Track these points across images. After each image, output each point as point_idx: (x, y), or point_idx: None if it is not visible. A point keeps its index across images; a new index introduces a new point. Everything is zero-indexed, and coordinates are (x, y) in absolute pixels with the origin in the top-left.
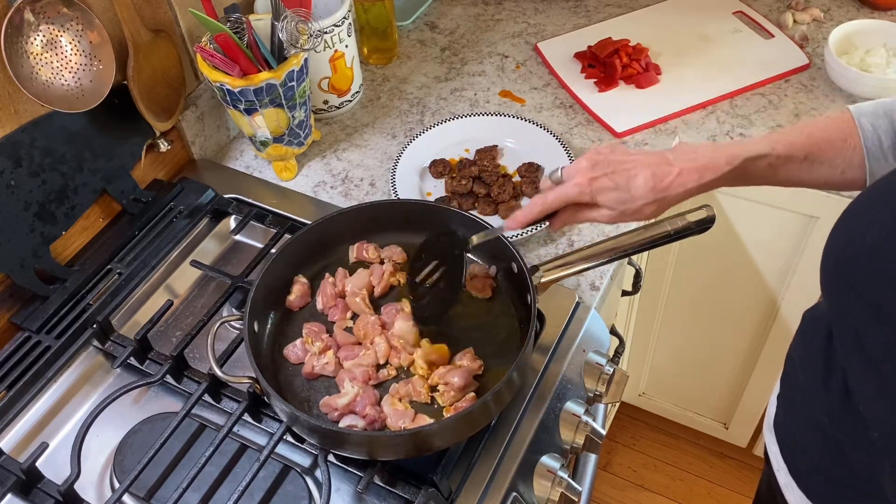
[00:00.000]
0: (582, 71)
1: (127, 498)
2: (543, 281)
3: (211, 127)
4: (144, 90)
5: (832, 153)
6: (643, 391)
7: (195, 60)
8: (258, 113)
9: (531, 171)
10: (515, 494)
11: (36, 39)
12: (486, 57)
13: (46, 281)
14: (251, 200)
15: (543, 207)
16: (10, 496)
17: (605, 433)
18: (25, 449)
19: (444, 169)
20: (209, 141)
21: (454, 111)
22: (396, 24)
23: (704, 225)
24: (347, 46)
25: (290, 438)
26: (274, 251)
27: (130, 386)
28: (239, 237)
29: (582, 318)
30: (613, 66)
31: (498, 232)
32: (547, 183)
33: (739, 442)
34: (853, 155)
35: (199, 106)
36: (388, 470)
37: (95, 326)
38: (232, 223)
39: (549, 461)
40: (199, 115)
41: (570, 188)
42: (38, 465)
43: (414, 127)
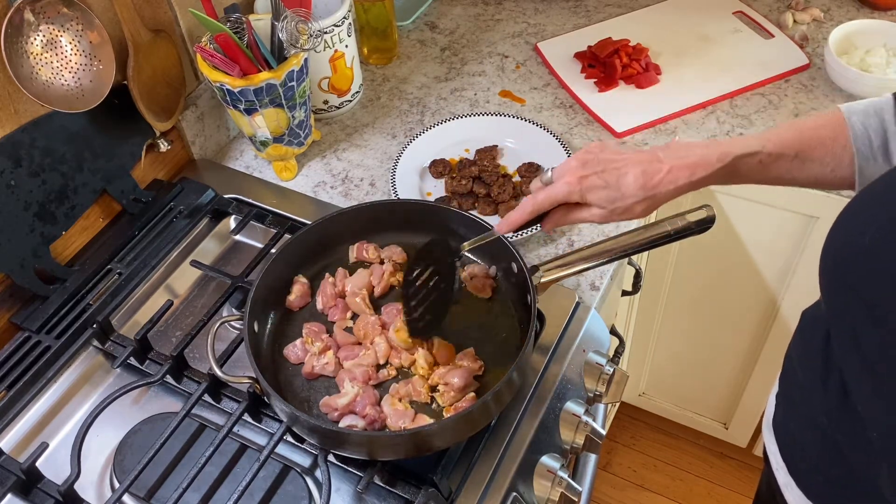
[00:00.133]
0: (582, 71)
1: (127, 498)
2: (543, 281)
3: (211, 127)
4: (144, 90)
5: (822, 151)
6: (643, 391)
7: (195, 60)
8: (258, 113)
9: (531, 171)
10: (515, 494)
11: (36, 39)
12: (486, 57)
13: (46, 281)
14: (251, 200)
15: (534, 208)
16: (10, 496)
17: (605, 433)
18: (25, 449)
19: (444, 169)
20: (209, 141)
21: (454, 111)
22: (396, 24)
23: (704, 225)
24: (347, 46)
25: (290, 438)
26: (274, 251)
27: (130, 386)
28: (239, 237)
29: (582, 318)
30: (613, 66)
31: (489, 236)
32: (537, 184)
33: (739, 442)
34: (843, 153)
35: (199, 106)
36: (388, 470)
37: (95, 326)
38: (232, 223)
39: (549, 461)
40: (199, 115)
41: (559, 188)
42: (38, 465)
43: (414, 127)
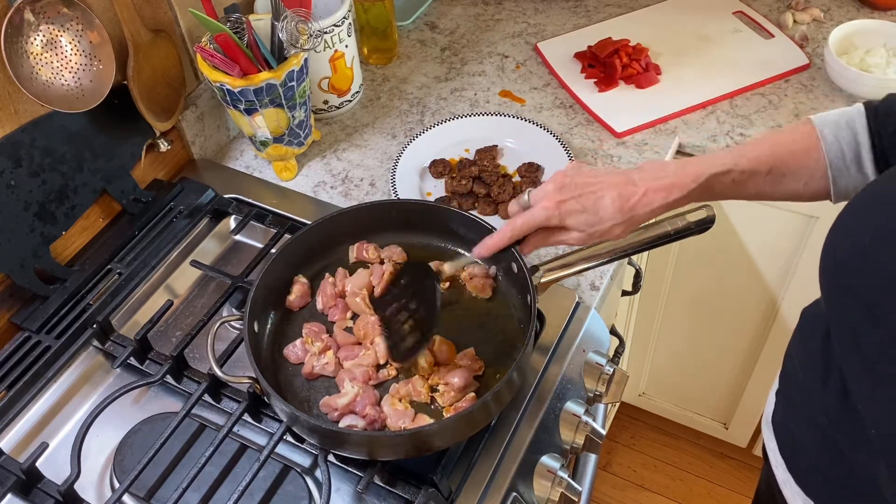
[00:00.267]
0: (582, 71)
1: (127, 498)
2: (543, 281)
3: (211, 127)
4: (144, 90)
5: (795, 165)
6: (643, 391)
7: (195, 60)
8: (258, 113)
9: (531, 171)
10: (515, 494)
11: (36, 39)
12: (486, 57)
13: (46, 281)
14: (251, 200)
15: (513, 234)
16: (10, 496)
17: (605, 433)
18: (25, 449)
19: (444, 169)
20: (209, 141)
21: (454, 111)
22: (396, 24)
23: (704, 225)
24: (347, 46)
25: (290, 438)
26: (274, 251)
27: (130, 386)
28: (239, 237)
29: (582, 318)
30: (613, 66)
31: (469, 260)
32: (515, 207)
33: (739, 442)
34: (816, 167)
35: (199, 106)
36: (388, 470)
37: (95, 326)
38: (232, 223)
39: (549, 461)
40: (199, 115)
41: (538, 212)
42: (38, 465)
43: (414, 127)
